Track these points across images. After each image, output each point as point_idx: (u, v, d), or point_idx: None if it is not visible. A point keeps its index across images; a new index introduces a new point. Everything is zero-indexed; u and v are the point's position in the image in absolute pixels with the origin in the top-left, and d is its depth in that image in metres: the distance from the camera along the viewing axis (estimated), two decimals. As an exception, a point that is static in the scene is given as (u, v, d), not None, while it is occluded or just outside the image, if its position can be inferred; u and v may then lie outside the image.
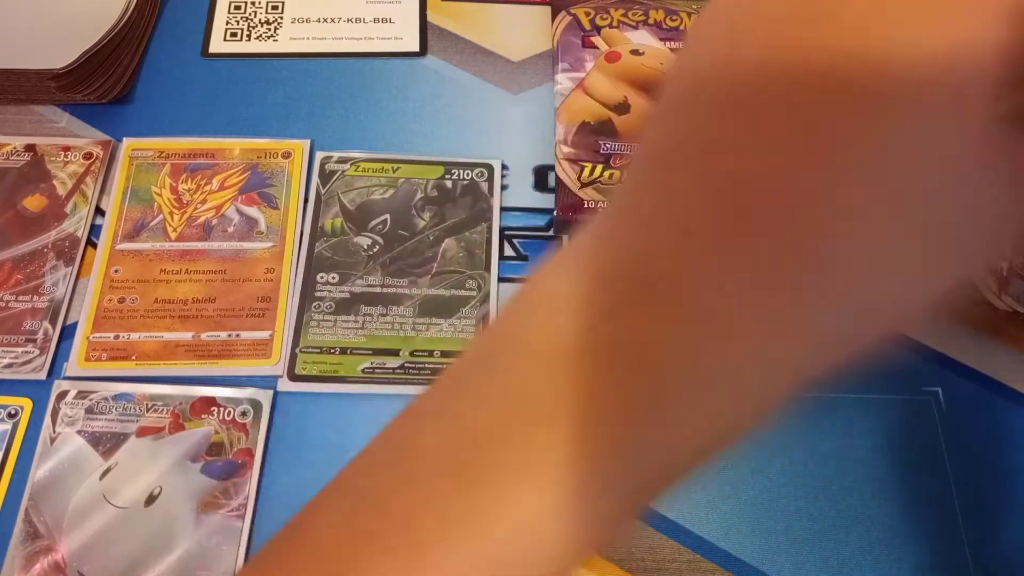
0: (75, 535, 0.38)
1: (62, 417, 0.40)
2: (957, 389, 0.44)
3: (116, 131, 0.49)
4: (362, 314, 0.44)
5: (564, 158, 0.49)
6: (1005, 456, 0.42)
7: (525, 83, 0.53)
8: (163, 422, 0.40)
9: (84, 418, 0.40)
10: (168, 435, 0.40)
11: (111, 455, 0.40)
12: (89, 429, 0.40)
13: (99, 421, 0.40)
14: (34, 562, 0.37)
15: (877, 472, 0.41)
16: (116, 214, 0.46)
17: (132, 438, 0.40)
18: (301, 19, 0.54)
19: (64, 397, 0.41)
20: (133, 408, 0.41)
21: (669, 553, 0.39)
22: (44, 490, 0.39)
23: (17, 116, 0.49)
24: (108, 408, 0.41)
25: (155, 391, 0.41)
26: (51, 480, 0.39)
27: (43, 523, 0.38)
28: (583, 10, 0.55)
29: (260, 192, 0.47)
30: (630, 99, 0.51)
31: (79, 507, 0.38)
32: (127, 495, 0.39)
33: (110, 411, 0.41)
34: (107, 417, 0.40)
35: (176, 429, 0.40)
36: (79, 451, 0.40)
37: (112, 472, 0.39)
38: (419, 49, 0.54)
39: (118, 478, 0.39)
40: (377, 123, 0.51)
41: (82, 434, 0.40)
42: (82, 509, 0.38)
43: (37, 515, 0.38)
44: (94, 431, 0.40)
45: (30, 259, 0.44)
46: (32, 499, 0.39)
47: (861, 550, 0.39)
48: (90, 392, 0.41)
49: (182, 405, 0.41)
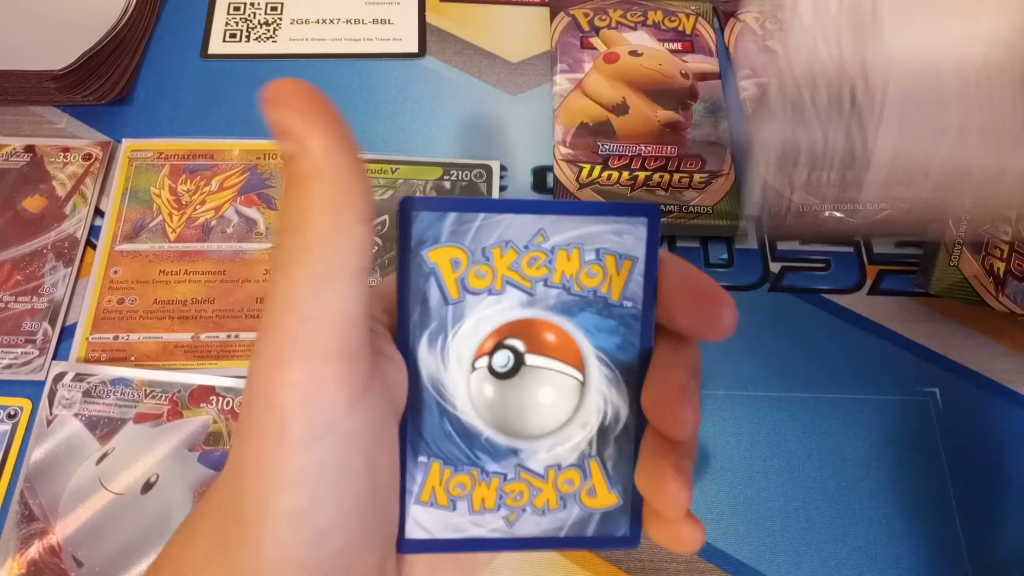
0: (71, 519, 0.38)
1: (59, 399, 0.40)
2: (955, 389, 0.44)
3: (115, 132, 0.49)
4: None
5: (563, 159, 0.49)
6: (1002, 456, 0.42)
7: (524, 84, 0.53)
8: (161, 409, 0.40)
9: (81, 401, 0.40)
10: (166, 422, 0.40)
11: (108, 440, 0.39)
12: (86, 413, 0.40)
13: (97, 405, 0.40)
14: (29, 545, 0.37)
15: (875, 472, 0.41)
16: (115, 215, 0.46)
17: (130, 424, 0.40)
18: (300, 20, 0.55)
19: (61, 379, 0.41)
20: (131, 393, 0.41)
21: (667, 553, 0.39)
22: (40, 472, 0.39)
23: (17, 117, 0.49)
24: (106, 392, 0.40)
25: (153, 377, 0.41)
26: (47, 463, 0.39)
27: (38, 506, 0.38)
28: (582, 11, 0.55)
29: (259, 193, 0.47)
30: (628, 100, 0.51)
31: (75, 491, 0.38)
32: (124, 481, 0.39)
33: (108, 395, 0.40)
34: (105, 401, 0.40)
35: (174, 416, 0.40)
36: (76, 435, 0.39)
37: (109, 457, 0.39)
38: (418, 50, 0.54)
39: (115, 464, 0.39)
40: (376, 124, 0.51)
41: (79, 417, 0.40)
42: (78, 493, 0.38)
43: (32, 497, 0.38)
44: (91, 415, 0.40)
45: (29, 260, 0.45)
46: (28, 481, 0.38)
47: (859, 550, 0.39)
48: (88, 375, 0.41)
49: (181, 393, 0.41)
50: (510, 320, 0.21)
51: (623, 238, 0.21)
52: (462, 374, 0.21)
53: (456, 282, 0.20)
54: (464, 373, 0.21)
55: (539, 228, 0.20)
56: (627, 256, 0.21)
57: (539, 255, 0.20)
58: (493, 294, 0.21)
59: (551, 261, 0.21)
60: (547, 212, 0.20)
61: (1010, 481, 0.41)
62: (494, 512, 0.21)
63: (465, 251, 0.20)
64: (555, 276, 0.21)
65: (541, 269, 0.21)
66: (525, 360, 0.21)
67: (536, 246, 0.20)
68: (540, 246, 0.20)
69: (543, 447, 0.21)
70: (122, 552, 0.37)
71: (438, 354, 0.21)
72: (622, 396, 0.21)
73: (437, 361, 0.21)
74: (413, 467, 0.21)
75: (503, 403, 0.21)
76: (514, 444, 0.21)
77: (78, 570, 0.37)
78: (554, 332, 0.21)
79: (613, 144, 0.49)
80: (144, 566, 0.37)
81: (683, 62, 0.52)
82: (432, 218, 0.20)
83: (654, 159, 0.49)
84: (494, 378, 0.21)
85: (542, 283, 0.21)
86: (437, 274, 0.20)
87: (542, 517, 0.22)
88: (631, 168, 0.48)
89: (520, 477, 0.21)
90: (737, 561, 0.39)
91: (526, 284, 0.21)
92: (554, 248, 0.21)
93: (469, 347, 0.21)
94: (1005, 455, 0.42)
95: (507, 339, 0.21)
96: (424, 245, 0.20)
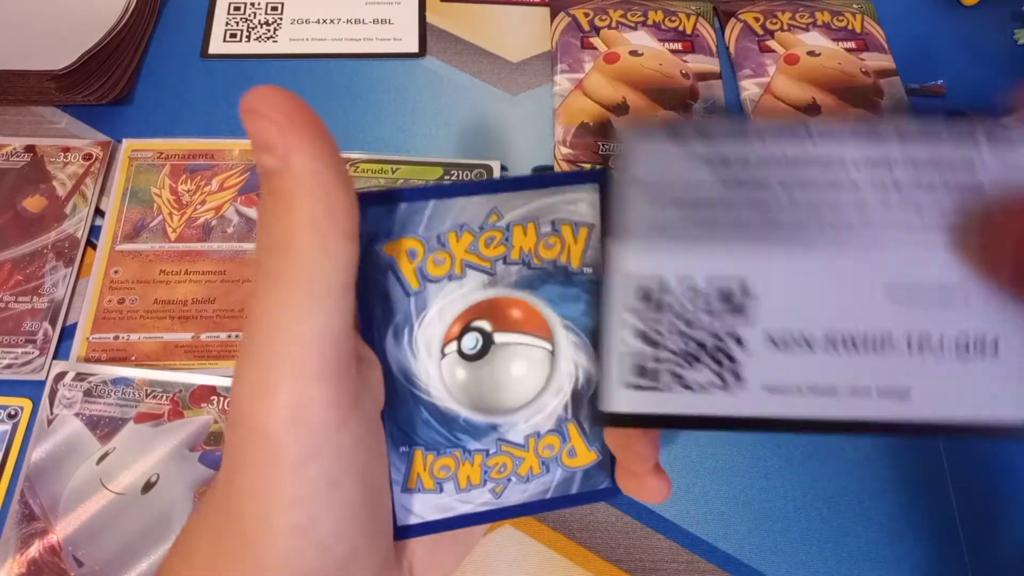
0: (71, 519, 0.38)
1: (60, 399, 0.40)
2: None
3: (116, 132, 0.49)
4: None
5: (563, 159, 0.49)
6: (1003, 456, 0.42)
7: (524, 84, 0.53)
8: (162, 409, 0.40)
9: (82, 400, 0.40)
10: (167, 422, 0.40)
11: (109, 440, 0.39)
12: (87, 412, 0.40)
13: (97, 404, 0.40)
14: (29, 544, 0.37)
15: (875, 472, 0.41)
16: (116, 215, 0.46)
17: (130, 424, 0.40)
18: (300, 20, 0.54)
19: (62, 379, 0.41)
20: (132, 393, 0.41)
21: (667, 553, 0.39)
22: (41, 472, 0.39)
23: (17, 117, 0.49)
24: (107, 392, 0.40)
25: (154, 377, 0.41)
26: (48, 462, 0.39)
27: (39, 505, 0.38)
28: (582, 11, 0.55)
29: (259, 193, 0.47)
30: (629, 100, 0.51)
31: (75, 491, 0.38)
32: (124, 481, 0.39)
33: (109, 395, 0.40)
34: (105, 401, 0.40)
35: (175, 416, 0.40)
36: (76, 434, 0.39)
37: (109, 457, 0.39)
38: (418, 50, 0.54)
39: (115, 463, 0.39)
40: (376, 124, 0.51)
41: (80, 417, 0.40)
42: (79, 493, 0.38)
43: (33, 497, 0.38)
44: (92, 414, 0.40)
45: (30, 260, 0.45)
46: (28, 480, 0.38)
47: (859, 551, 0.39)
48: (89, 375, 0.41)
49: (182, 392, 0.41)
50: (474, 303, 0.21)
51: (578, 206, 0.21)
52: (432, 362, 0.21)
53: (414, 272, 0.20)
54: (435, 360, 0.21)
55: (492, 207, 0.20)
56: (582, 223, 0.21)
57: (495, 234, 0.20)
58: (454, 279, 0.21)
59: (507, 239, 0.21)
60: (498, 191, 0.20)
61: (1011, 482, 0.41)
62: (480, 488, 0.22)
63: (420, 240, 0.20)
64: (514, 253, 0.21)
65: (499, 248, 0.21)
66: (494, 339, 0.21)
67: (491, 225, 0.20)
68: (495, 225, 0.20)
69: (521, 419, 0.22)
70: (122, 552, 0.37)
71: (405, 346, 0.21)
72: (591, 358, 0.22)
73: (405, 353, 0.21)
74: (396, 458, 0.21)
75: (477, 383, 0.21)
76: (492, 420, 0.21)
77: (78, 570, 0.37)
78: (519, 308, 0.21)
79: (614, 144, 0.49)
80: (144, 566, 0.37)
81: (683, 62, 0.52)
82: (382, 211, 0.20)
83: (654, 159, 0.49)
84: (465, 361, 0.21)
85: (501, 261, 0.21)
86: (395, 267, 0.20)
87: (527, 484, 0.22)
88: (631, 168, 0.48)
89: (502, 451, 0.22)
90: (738, 561, 0.39)
91: (486, 265, 0.21)
92: (509, 225, 0.21)
93: (436, 335, 0.21)
94: (1006, 456, 0.42)
95: (473, 321, 0.21)
96: (378, 240, 0.20)
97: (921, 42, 0.56)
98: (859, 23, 0.55)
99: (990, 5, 0.58)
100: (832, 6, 0.56)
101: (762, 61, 0.53)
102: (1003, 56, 0.56)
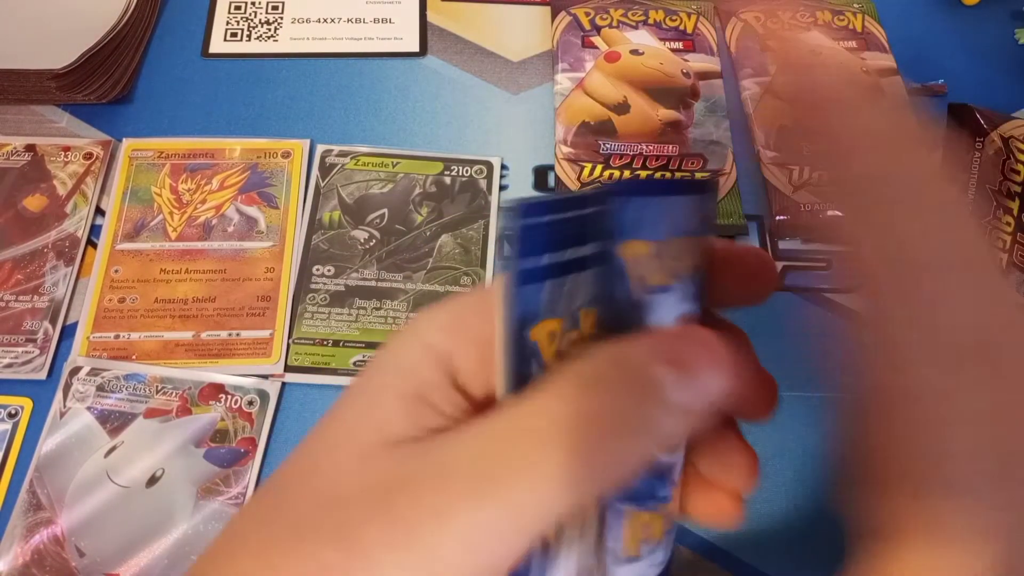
0: (76, 510, 0.38)
1: (73, 392, 0.41)
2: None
3: (116, 131, 0.49)
4: (356, 307, 0.44)
5: (564, 158, 0.49)
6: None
7: (525, 83, 0.53)
8: (171, 405, 0.41)
9: (95, 395, 0.41)
10: (175, 418, 0.41)
11: (118, 434, 0.40)
12: (99, 406, 0.41)
13: (109, 399, 0.41)
14: (34, 533, 0.38)
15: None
16: (116, 214, 0.46)
17: (139, 419, 0.40)
18: (301, 19, 0.55)
19: (77, 373, 0.41)
20: (143, 389, 0.41)
21: (669, 552, 0.39)
22: (50, 463, 0.39)
23: (17, 116, 0.49)
24: (119, 387, 0.41)
25: (166, 374, 0.42)
26: (57, 453, 0.39)
27: (46, 495, 0.38)
28: (583, 10, 0.55)
29: (260, 192, 0.47)
30: (630, 99, 0.51)
31: (82, 482, 0.39)
32: (130, 474, 0.39)
33: (121, 390, 0.41)
34: (117, 396, 0.41)
35: (183, 413, 0.41)
36: (87, 427, 0.40)
37: (117, 451, 0.40)
38: (419, 49, 0.54)
39: (123, 457, 0.40)
40: (377, 123, 0.51)
41: (91, 411, 0.40)
42: (85, 485, 0.39)
43: (41, 487, 0.39)
44: (103, 408, 0.40)
45: (30, 259, 0.45)
46: (37, 471, 0.39)
47: (861, 549, 0.39)
48: (103, 370, 0.41)
49: (191, 390, 0.41)
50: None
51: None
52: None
53: (553, 356, 0.19)
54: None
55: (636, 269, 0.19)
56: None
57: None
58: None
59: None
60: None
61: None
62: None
63: (559, 320, 0.19)
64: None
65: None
66: None
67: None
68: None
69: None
70: (123, 544, 0.38)
71: None
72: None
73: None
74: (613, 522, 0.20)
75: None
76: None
77: (79, 560, 0.37)
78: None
79: (614, 143, 0.49)
80: (143, 559, 0.37)
81: (684, 61, 0.52)
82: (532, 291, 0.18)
83: (655, 158, 0.49)
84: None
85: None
86: (537, 353, 0.19)
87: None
88: (632, 167, 0.48)
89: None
90: (739, 561, 0.39)
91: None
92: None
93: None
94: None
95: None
96: (526, 325, 0.18)
97: (922, 42, 0.56)
98: (860, 22, 0.55)
99: (991, 4, 0.58)
100: (833, 6, 0.56)
101: (763, 60, 0.53)
102: (1004, 55, 0.56)
